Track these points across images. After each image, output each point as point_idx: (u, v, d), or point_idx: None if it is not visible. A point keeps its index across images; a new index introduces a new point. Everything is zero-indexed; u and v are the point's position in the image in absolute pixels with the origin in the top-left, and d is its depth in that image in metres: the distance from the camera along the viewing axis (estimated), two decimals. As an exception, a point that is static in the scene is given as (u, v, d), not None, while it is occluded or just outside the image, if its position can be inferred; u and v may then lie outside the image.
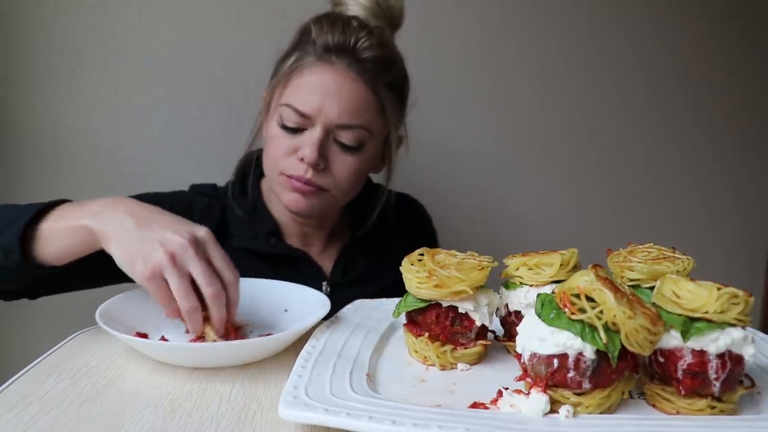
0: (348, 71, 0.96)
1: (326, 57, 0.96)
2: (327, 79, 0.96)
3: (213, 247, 0.74)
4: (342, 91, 0.95)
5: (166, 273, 0.70)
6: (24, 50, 1.32)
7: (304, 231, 1.11)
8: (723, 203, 1.91)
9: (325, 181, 0.99)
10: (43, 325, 1.39)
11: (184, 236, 0.72)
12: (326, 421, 0.54)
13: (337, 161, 0.99)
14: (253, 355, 0.73)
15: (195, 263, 0.71)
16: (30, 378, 0.67)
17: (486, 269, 0.70)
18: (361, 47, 0.97)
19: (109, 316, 0.75)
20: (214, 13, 1.42)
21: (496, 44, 1.64)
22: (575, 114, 1.73)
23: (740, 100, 1.86)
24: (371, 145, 1.02)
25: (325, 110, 0.95)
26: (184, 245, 0.71)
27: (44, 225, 0.77)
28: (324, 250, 1.14)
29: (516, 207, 1.72)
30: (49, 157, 1.36)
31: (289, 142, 0.98)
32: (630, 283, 0.71)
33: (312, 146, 0.95)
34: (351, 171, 1.00)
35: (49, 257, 0.78)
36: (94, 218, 0.75)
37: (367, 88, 0.97)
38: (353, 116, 0.96)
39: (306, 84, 0.97)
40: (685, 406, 0.59)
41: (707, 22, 1.80)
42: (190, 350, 0.71)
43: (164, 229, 0.72)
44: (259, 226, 1.07)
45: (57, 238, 0.77)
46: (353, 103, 0.96)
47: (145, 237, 0.72)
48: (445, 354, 0.70)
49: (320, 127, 0.96)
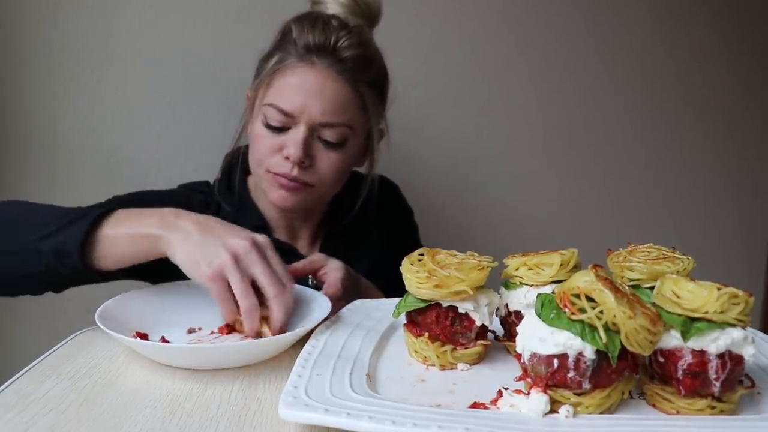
0: (329, 71, 0.99)
1: (307, 57, 0.99)
2: (309, 80, 0.99)
3: (272, 253, 0.77)
4: (324, 90, 0.99)
5: (229, 273, 0.73)
6: (24, 50, 1.32)
7: (291, 225, 1.14)
8: (723, 203, 1.91)
9: (310, 178, 1.02)
10: (43, 325, 1.39)
11: (246, 240, 0.75)
12: (326, 421, 0.54)
13: (321, 158, 1.02)
14: (251, 358, 0.72)
15: (257, 264, 0.74)
16: (30, 378, 0.67)
17: (486, 269, 0.70)
18: (341, 47, 0.99)
19: (108, 317, 0.74)
20: (213, 13, 1.42)
21: (495, 42, 1.63)
22: (575, 113, 1.73)
23: (740, 100, 1.86)
24: (354, 141, 1.05)
25: (308, 109, 0.98)
26: (247, 248, 0.74)
27: (105, 231, 0.78)
28: (312, 242, 1.17)
29: (516, 207, 1.72)
30: (49, 157, 1.36)
31: (273, 141, 1.01)
32: (630, 283, 0.71)
33: (297, 145, 0.99)
34: (335, 167, 1.03)
35: (107, 263, 0.79)
36: (161, 227, 0.77)
37: (348, 87, 1.00)
38: (335, 115, 1.00)
39: (288, 84, 1.00)
40: (685, 406, 0.59)
41: (707, 21, 1.80)
42: (189, 352, 0.71)
43: (227, 234, 0.75)
44: (248, 220, 1.08)
45: (120, 244, 0.78)
46: (335, 101, 0.99)
47: (208, 242, 0.75)
48: (445, 354, 0.70)
49: (304, 126, 0.99)
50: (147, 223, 0.77)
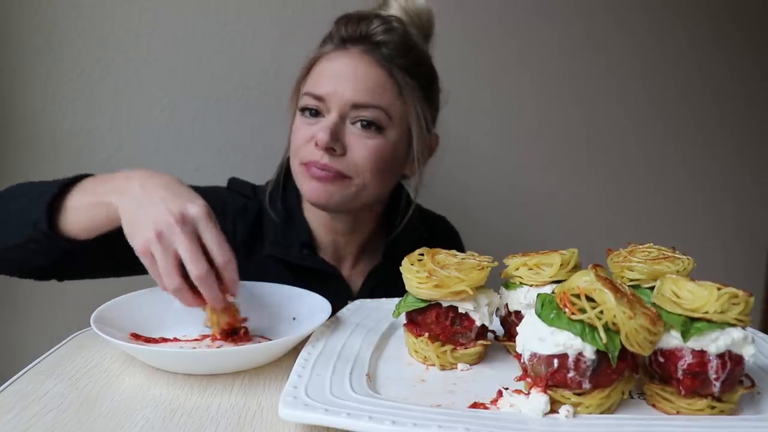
0: (362, 55, 0.97)
1: (342, 46, 0.99)
2: (342, 64, 0.97)
3: (205, 225, 0.72)
4: (356, 72, 0.96)
5: (153, 250, 0.71)
6: (24, 50, 1.32)
7: (336, 241, 1.09)
8: (723, 203, 1.91)
9: (344, 166, 0.96)
10: (43, 325, 1.39)
11: (172, 213, 0.71)
12: (326, 421, 0.54)
13: (355, 145, 0.96)
14: (248, 363, 0.71)
15: (180, 241, 0.70)
16: (30, 378, 0.67)
17: (486, 269, 0.70)
18: (376, 32, 0.98)
19: (104, 320, 0.73)
20: (214, 13, 1.42)
21: (496, 44, 1.64)
22: (575, 114, 1.73)
23: (740, 101, 1.86)
24: (392, 131, 0.99)
25: (339, 91, 0.95)
26: (170, 223, 0.70)
27: (70, 200, 0.81)
28: (355, 265, 1.12)
29: (516, 207, 1.72)
30: (49, 157, 1.36)
31: (307, 131, 0.98)
32: (630, 283, 0.71)
33: (324, 129, 0.94)
34: (370, 154, 0.97)
35: (75, 230, 0.81)
36: (114, 193, 0.77)
37: (381, 70, 0.97)
38: (368, 95, 0.96)
39: (322, 70, 0.99)
40: (685, 406, 0.59)
41: (707, 24, 1.80)
42: (185, 357, 0.69)
43: (163, 203, 0.72)
44: (293, 235, 1.05)
45: (83, 212, 0.80)
46: (367, 83, 0.96)
47: (144, 214, 0.72)
48: (445, 354, 0.70)
49: (335, 111, 0.96)
50: (102, 190, 0.79)
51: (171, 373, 0.70)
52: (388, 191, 1.08)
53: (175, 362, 0.69)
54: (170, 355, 0.69)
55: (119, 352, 0.75)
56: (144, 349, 0.70)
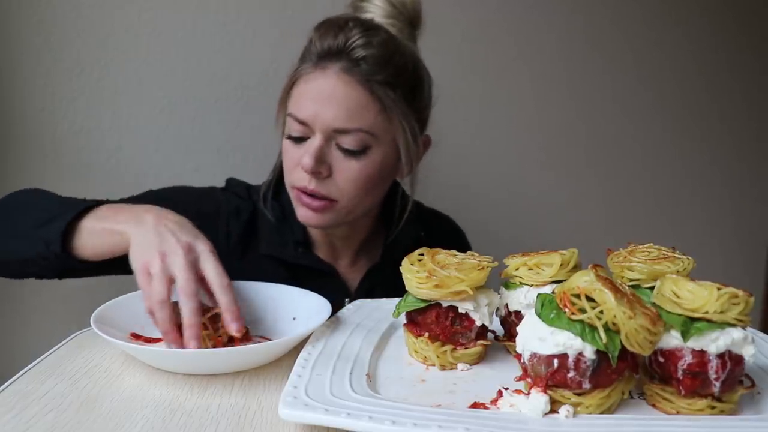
0: (340, 75, 0.94)
1: (321, 63, 0.95)
2: (320, 85, 0.94)
3: (206, 258, 0.76)
4: (334, 95, 0.93)
5: (151, 268, 0.73)
6: (23, 50, 1.32)
7: (332, 241, 1.09)
8: (723, 203, 1.91)
9: (330, 190, 0.96)
10: (43, 325, 1.39)
11: (180, 242, 0.75)
12: (326, 421, 0.54)
13: (340, 168, 0.96)
14: (248, 363, 0.71)
15: (180, 268, 0.73)
16: (30, 378, 0.67)
17: (486, 269, 0.70)
18: (354, 47, 0.94)
19: (104, 320, 0.73)
20: (214, 12, 1.42)
21: (494, 42, 1.64)
22: (575, 113, 1.73)
23: (739, 100, 1.86)
24: (378, 149, 0.97)
25: (321, 116, 0.93)
26: (176, 249, 0.74)
27: (85, 224, 0.83)
28: (352, 263, 1.12)
29: (516, 207, 1.72)
30: (49, 157, 1.36)
31: (295, 154, 0.97)
32: (630, 283, 0.71)
33: (309, 153, 0.93)
34: (356, 177, 0.96)
35: (86, 253, 0.84)
36: (130, 224, 0.79)
37: (361, 90, 0.94)
38: (349, 120, 0.93)
39: (302, 92, 0.96)
40: (685, 406, 0.59)
41: (706, 22, 1.80)
42: (185, 357, 0.69)
43: (169, 234, 0.76)
44: (289, 234, 1.05)
45: (95, 237, 0.82)
46: (347, 105, 0.93)
47: (152, 240, 0.76)
48: (445, 354, 0.70)
49: (319, 134, 0.94)
50: (119, 219, 0.81)
51: (171, 373, 0.70)
52: (381, 198, 1.08)
53: (175, 362, 0.69)
54: (170, 355, 0.69)
55: (119, 352, 0.75)
56: (144, 349, 0.70)
